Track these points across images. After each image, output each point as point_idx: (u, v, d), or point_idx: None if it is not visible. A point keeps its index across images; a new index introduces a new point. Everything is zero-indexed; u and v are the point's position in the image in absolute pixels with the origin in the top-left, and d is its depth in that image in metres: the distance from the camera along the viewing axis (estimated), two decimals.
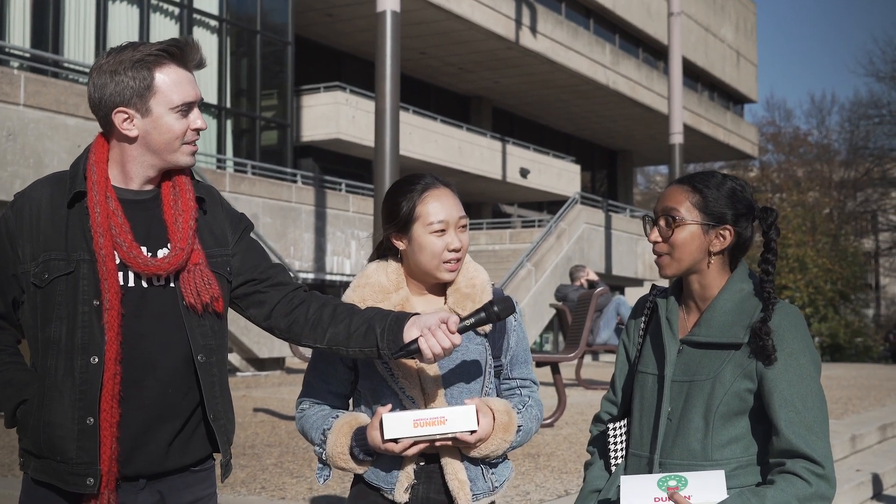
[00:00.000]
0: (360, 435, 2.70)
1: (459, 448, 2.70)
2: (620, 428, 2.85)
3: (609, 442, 2.86)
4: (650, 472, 2.65)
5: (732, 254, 2.68)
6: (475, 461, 2.75)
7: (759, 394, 2.56)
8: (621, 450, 2.84)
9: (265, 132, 22.74)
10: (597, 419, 2.97)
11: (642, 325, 2.84)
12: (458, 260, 2.79)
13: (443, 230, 2.76)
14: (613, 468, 2.84)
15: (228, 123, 21.40)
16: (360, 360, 2.80)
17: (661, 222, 2.67)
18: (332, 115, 24.59)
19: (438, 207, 2.77)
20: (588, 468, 2.94)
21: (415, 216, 2.77)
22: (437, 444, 2.64)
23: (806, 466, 2.46)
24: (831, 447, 2.53)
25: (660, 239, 2.67)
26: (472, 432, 2.61)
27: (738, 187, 2.67)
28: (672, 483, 2.45)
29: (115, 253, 2.48)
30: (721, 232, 2.63)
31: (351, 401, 2.93)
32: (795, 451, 2.48)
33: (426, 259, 2.77)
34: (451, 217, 2.77)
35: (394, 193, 2.85)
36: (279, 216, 19.14)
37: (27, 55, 16.88)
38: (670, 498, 2.43)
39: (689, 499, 2.42)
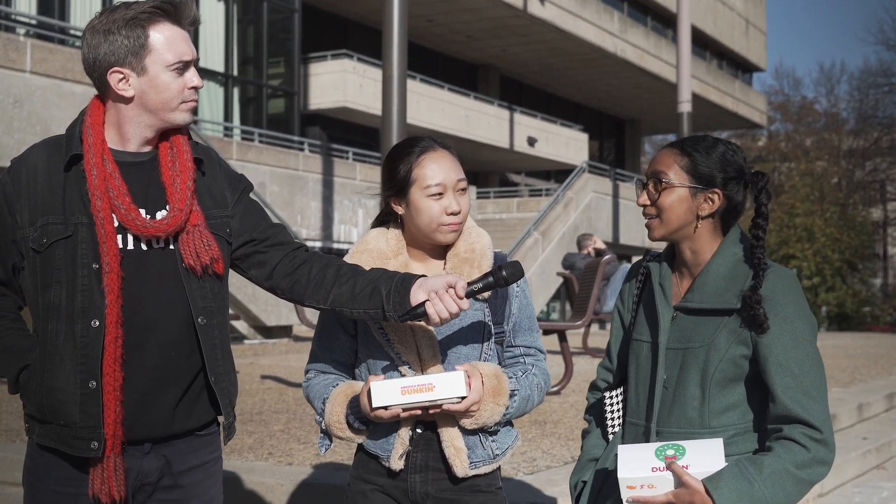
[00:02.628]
0: (354, 404, 2.68)
1: (456, 416, 2.68)
2: (617, 396, 2.84)
3: (606, 410, 2.84)
4: (647, 440, 2.64)
5: (724, 218, 2.64)
6: (472, 430, 2.71)
7: (754, 360, 2.54)
8: (618, 418, 2.83)
9: (272, 100, 22.69)
10: (593, 387, 2.95)
11: (636, 291, 2.82)
12: (459, 223, 2.74)
13: (440, 193, 2.72)
14: (611, 436, 2.83)
15: (235, 91, 21.35)
16: (359, 327, 2.79)
17: (650, 185, 2.65)
18: (340, 83, 24.51)
19: (436, 170, 2.72)
20: (585, 436, 2.92)
21: (412, 179, 2.73)
22: (431, 412, 2.62)
23: (804, 432, 2.45)
24: (837, 415, 2.51)
25: (648, 202, 2.65)
26: (462, 398, 2.58)
27: (728, 151, 2.63)
28: (670, 452, 2.43)
29: (114, 215, 2.46)
30: (710, 196, 2.60)
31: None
32: (792, 416, 2.46)
33: (424, 222, 2.73)
34: (449, 180, 2.73)
35: (392, 157, 2.81)
36: (286, 184, 19.12)
37: (33, 22, 16.83)
38: (668, 467, 2.41)
39: (686, 468, 2.40)
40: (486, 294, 2.75)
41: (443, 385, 2.55)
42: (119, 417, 2.45)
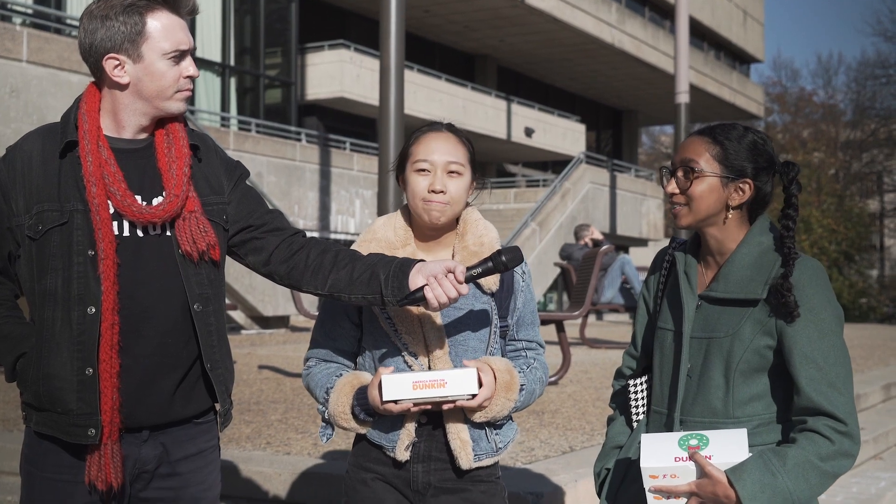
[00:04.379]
0: (361, 395, 2.68)
1: (463, 409, 2.68)
2: (642, 384, 2.82)
3: (630, 398, 2.83)
4: (670, 429, 2.63)
5: (751, 208, 2.62)
6: (479, 423, 2.72)
7: (779, 350, 2.52)
8: (643, 406, 2.81)
9: (269, 90, 22.64)
10: (618, 374, 2.93)
11: (661, 280, 2.79)
12: (444, 204, 2.73)
13: (426, 170, 2.73)
14: (635, 424, 2.82)
15: (232, 81, 21.30)
16: (364, 316, 2.78)
17: (680, 173, 2.61)
18: (337, 73, 24.46)
19: (427, 148, 2.75)
20: (610, 423, 2.91)
21: (408, 154, 2.79)
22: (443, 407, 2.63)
23: (828, 424, 2.43)
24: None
25: (677, 190, 2.62)
26: (473, 396, 2.59)
27: (759, 140, 2.61)
28: (693, 442, 2.41)
29: (109, 202, 2.46)
30: (741, 185, 2.57)
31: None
32: (817, 408, 2.44)
33: (411, 198, 2.76)
34: (438, 159, 2.74)
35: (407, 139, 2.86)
36: (283, 175, 19.10)
37: (30, 11, 16.77)
38: (691, 458, 2.40)
39: (709, 458, 2.39)
40: (494, 288, 2.77)
41: (455, 382, 2.55)
42: (116, 404, 2.45)
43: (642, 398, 2.82)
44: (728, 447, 2.40)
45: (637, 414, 2.82)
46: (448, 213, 2.76)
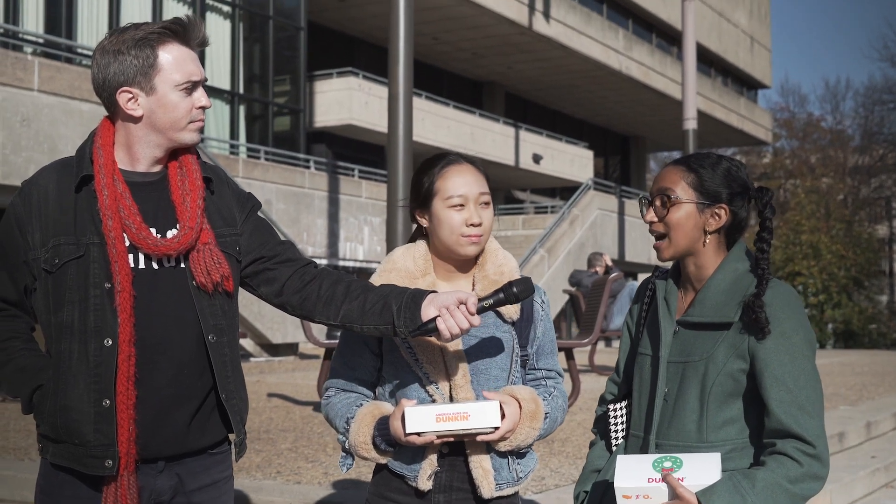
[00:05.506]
0: (382, 425, 2.68)
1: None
2: (621, 409, 2.87)
3: (610, 422, 2.88)
4: (646, 452, 2.66)
5: (728, 234, 2.68)
6: (502, 451, 2.73)
7: (752, 374, 2.56)
8: (622, 430, 2.86)
9: (278, 118, 22.73)
10: (601, 399, 2.98)
11: (644, 308, 2.85)
12: (480, 236, 2.76)
13: (461, 204, 2.75)
14: (614, 448, 2.86)
15: (241, 109, 21.40)
16: (385, 346, 2.80)
17: (657, 202, 2.68)
18: (345, 100, 24.56)
19: (458, 182, 2.76)
20: (591, 448, 2.96)
21: (434, 191, 2.78)
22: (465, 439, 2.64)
23: (796, 446, 2.46)
24: (845, 433, 2.51)
25: (655, 219, 2.68)
26: (495, 429, 2.60)
27: (733, 167, 2.68)
28: (667, 464, 2.45)
29: (125, 235, 2.48)
30: (716, 211, 2.64)
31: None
32: (786, 430, 2.48)
33: (446, 234, 2.76)
34: (471, 192, 2.76)
35: (418, 171, 2.86)
36: (292, 202, 19.14)
37: (41, 41, 16.90)
38: (664, 479, 2.43)
39: (681, 480, 2.41)
40: (515, 317, 2.79)
41: (478, 415, 2.57)
42: (133, 436, 2.46)
43: (622, 422, 2.87)
44: (701, 470, 2.44)
45: (616, 438, 2.87)
46: (482, 244, 2.80)
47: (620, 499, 2.45)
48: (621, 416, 2.86)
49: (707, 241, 2.65)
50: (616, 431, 2.86)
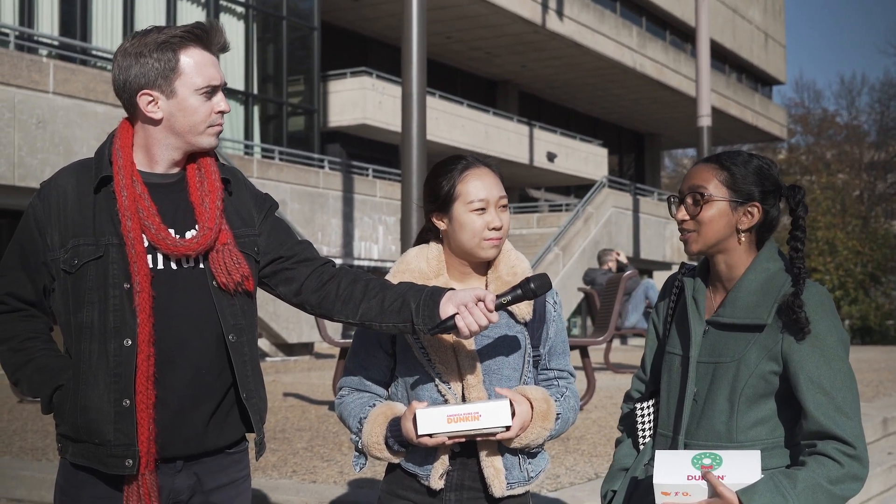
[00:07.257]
0: (395, 426, 2.70)
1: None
2: (648, 407, 2.86)
3: (637, 421, 2.87)
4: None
5: (759, 233, 2.66)
6: (514, 450, 2.75)
7: (784, 376, 2.55)
8: (649, 429, 2.85)
9: (292, 118, 22.78)
10: (627, 397, 2.97)
11: (671, 305, 2.83)
12: (500, 239, 2.78)
13: (483, 209, 2.76)
14: (641, 447, 2.85)
15: (255, 109, 21.45)
16: (398, 345, 2.81)
17: (689, 200, 2.66)
18: (359, 100, 24.59)
19: (479, 186, 2.77)
20: (617, 446, 2.95)
21: (455, 195, 2.78)
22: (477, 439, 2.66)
23: (837, 447, 2.45)
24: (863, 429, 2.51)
25: (687, 217, 2.66)
26: (507, 428, 2.61)
27: (764, 165, 2.66)
28: (706, 461, 2.43)
29: (144, 236, 2.50)
30: (749, 209, 2.62)
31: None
32: (826, 432, 2.46)
33: (467, 238, 2.77)
34: (492, 196, 2.77)
35: (434, 174, 2.86)
36: (307, 202, 19.18)
37: (56, 43, 16.97)
38: (703, 476, 2.41)
39: (722, 478, 2.40)
40: (527, 317, 2.80)
41: (488, 414, 2.58)
42: (153, 435, 2.48)
43: (649, 421, 2.86)
44: (741, 468, 2.42)
45: (643, 437, 2.86)
46: (502, 246, 2.82)
47: (659, 495, 2.44)
48: (649, 414, 2.86)
49: (741, 239, 2.63)
50: (643, 430, 2.86)
